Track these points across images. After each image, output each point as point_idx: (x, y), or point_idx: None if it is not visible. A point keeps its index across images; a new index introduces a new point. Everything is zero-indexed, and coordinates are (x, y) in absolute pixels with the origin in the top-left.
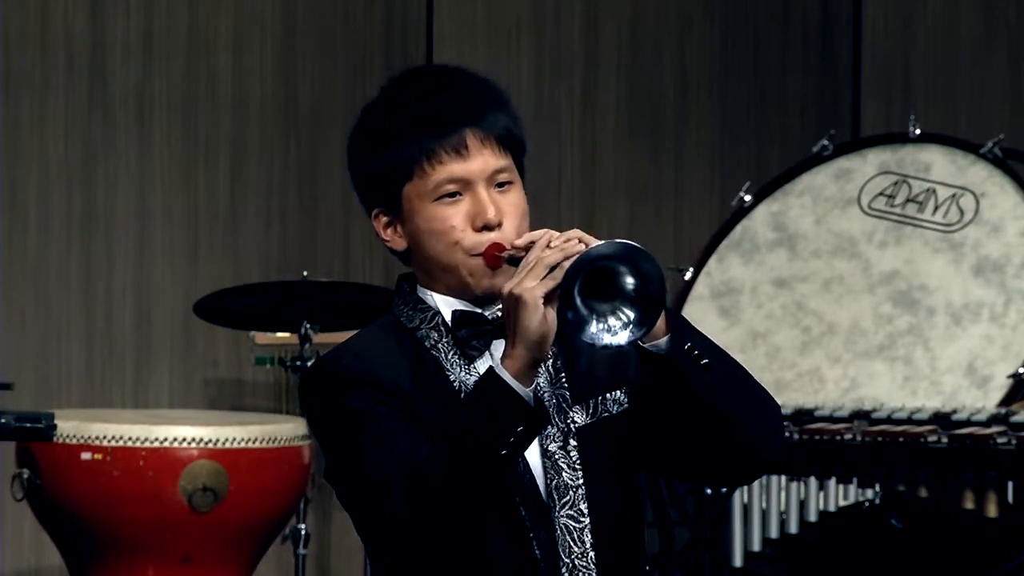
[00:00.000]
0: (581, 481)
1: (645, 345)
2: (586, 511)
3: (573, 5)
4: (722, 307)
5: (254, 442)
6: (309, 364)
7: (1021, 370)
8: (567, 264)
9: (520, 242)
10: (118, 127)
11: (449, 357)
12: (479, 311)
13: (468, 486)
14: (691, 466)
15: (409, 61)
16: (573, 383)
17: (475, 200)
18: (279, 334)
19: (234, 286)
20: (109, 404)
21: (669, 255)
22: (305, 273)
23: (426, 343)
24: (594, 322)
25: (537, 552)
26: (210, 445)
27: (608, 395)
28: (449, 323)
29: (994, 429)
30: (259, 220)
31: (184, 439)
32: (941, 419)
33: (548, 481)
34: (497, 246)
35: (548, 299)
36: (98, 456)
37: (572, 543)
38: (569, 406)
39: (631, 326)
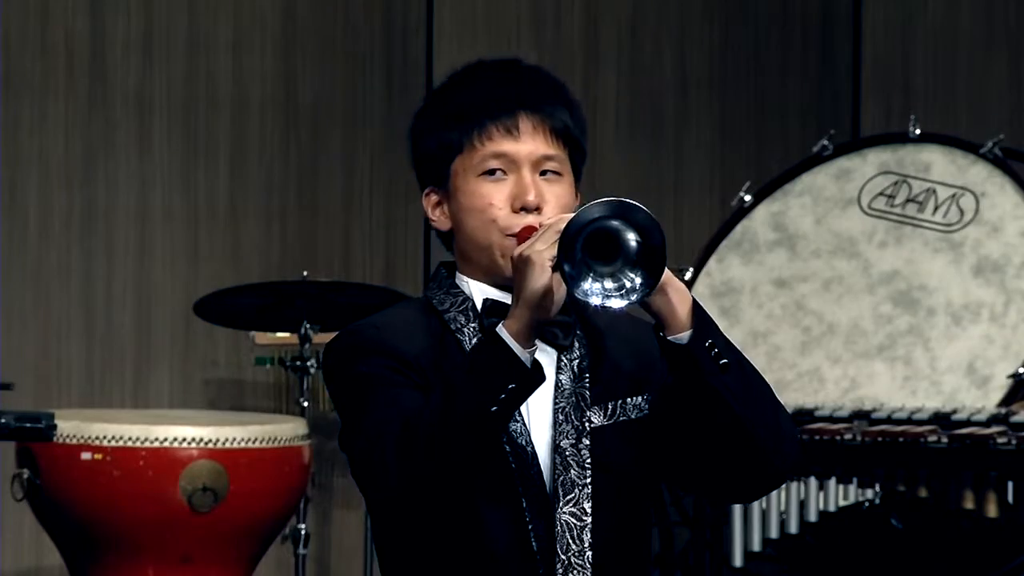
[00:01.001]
0: (588, 480)
1: (668, 337)
2: (589, 511)
3: (573, 5)
4: (722, 307)
5: (254, 442)
6: (312, 362)
7: (1021, 370)
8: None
9: (550, 222)
10: (118, 127)
11: (471, 341)
12: (509, 301)
13: (457, 441)
14: (703, 475)
15: (409, 61)
16: (595, 383)
17: (518, 181)
18: (279, 334)
19: (234, 286)
20: (109, 404)
21: (669, 255)
22: (305, 273)
23: (452, 325)
24: (592, 282)
25: (534, 544)
26: (210, 445)
27: (629, 399)
28: (479, 309)
29: (994, 429)
30: (259, 220)
31: (184, 439)
32: (941, 419)
33: (555, 476)
34: (531, 229)
35: (557, 265)
36: (98, 456)
37: (571, 540)
38: (587, 405)
39: (631, 290)
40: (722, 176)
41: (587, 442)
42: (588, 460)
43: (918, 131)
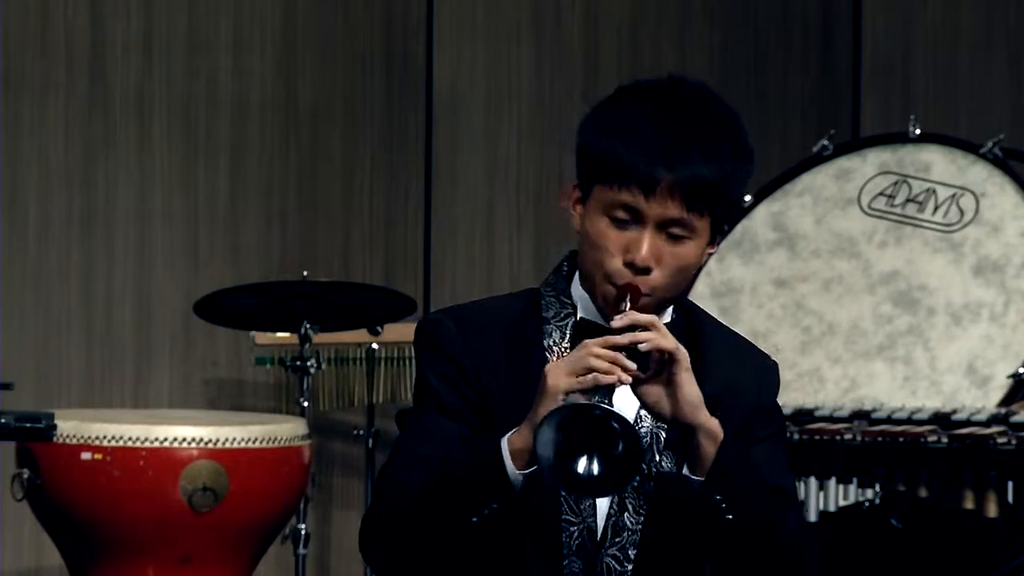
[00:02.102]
0: (640, 527)
1: (685, 473)
2: (632, 557)
3: (573, 5)
4: (722, 307)
5: (254, 442)
6: (312, 362)
7: (1021, 370)
8: (603, 378)
9: (623, 319)
10: (118, 127)
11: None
12: (604, 326)
13: (434, 530)
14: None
15: (409, 61)
16: (672, 427)
17: (638, 236)
18: (279, 334)
19: (234, 286)
20: (109, 404)
21: None
22: (305, 273)
23: (546, 340)
24: (567, 458)
25: None
26: (210, 445)
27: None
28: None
29: (994, 429)
30: (259, 220)
31: (184, 439)
32: (941, 419)
33: (609, 514)
34: (635, 288)
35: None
36: (98, 456)
37: None
38: (660, 449)
39: (593, 482)
40: None
41: (650, 486)
42: (643, 505)
43: (918, 131)
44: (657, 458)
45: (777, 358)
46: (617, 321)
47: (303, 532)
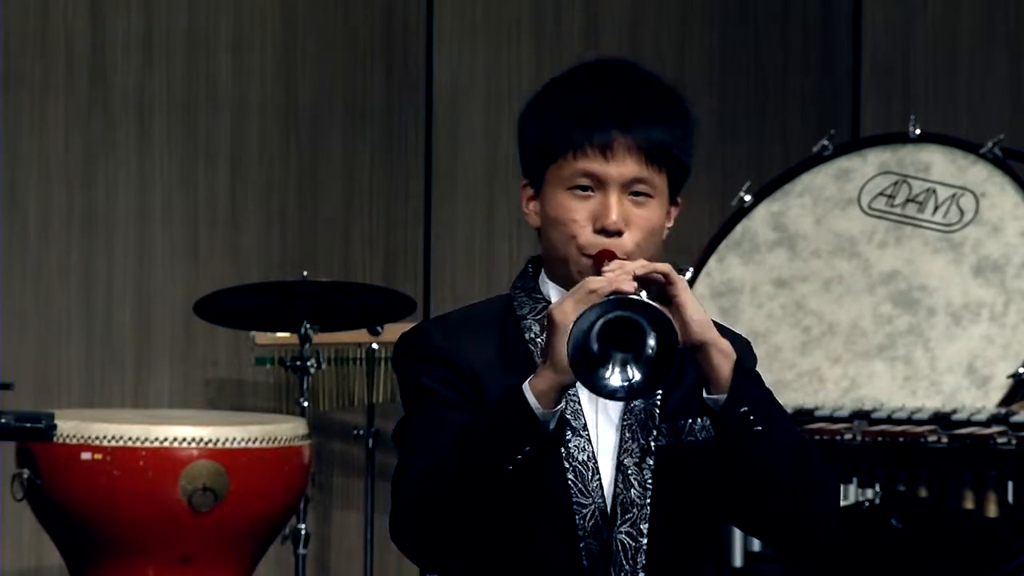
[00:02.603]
0: (648, 501)
1: (706, 396)
2: (645, 532)
3: (573, 5)
4: (722, 307)
5: (254, 442)
6: (312, 362)
7: (1021, 370)
8: (604, 291)
9: (611, 269)
10: (118, 127)
11: (541, 354)
12: None
13: (470, 492)
14: (746, 519)
15: (409, 61)
16: (667, 402)
17: (603, 201)
18: (279, 334)
19: (234, 286)
20: (109, 404)
21: (669, 255)
22: (305, 273)
23: (526, 334)
24: (599, 366)
25: (585, 562)
26: (210, 445)
27: (699, 420)
28: None
29: (994, 429)
30: (259, 220)
31: (184, 439)
32: (941, 419)
33: (616, 494)
34: (609, 253)
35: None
36: (98, 456)
37: (623, 560)
38: (655, 424)
39: (633, 385)
40: (722, 176)
41: (651, 462)
42: (650, 480)
43: (918, 131)
44: (655, 433)
45: (777, 358)
46: (606, 268)
47: (303, 532)
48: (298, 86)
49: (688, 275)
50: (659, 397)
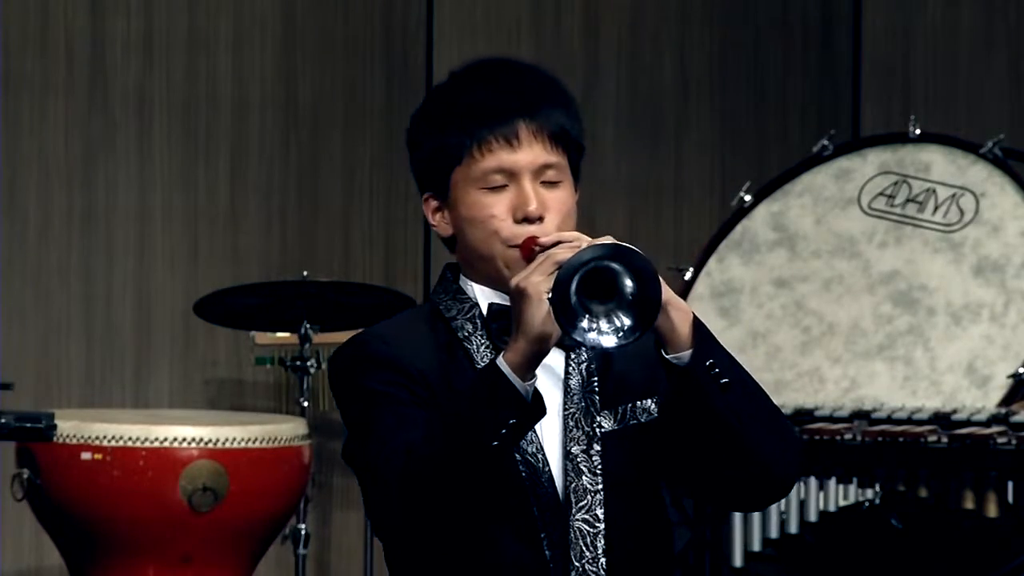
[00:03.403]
0: (600, 486)
1: (668, 356)
2: (602, 516)
3: (573, 5)
4: (722, 307)
5: (254, 442)
6: (312, 362)
7: (1021, 370)
8: (570, 256)
9: (548, 240)
10: (118, 127)
11: (480, 351)
12: None
13: (458, 473)
14: (706, 485)
15: (409, 61)
16: (604, 388)
17: (519, 192)
18: (279, 334)
19: (234, 286)
20: (109, 404)
21: (669, 255)
22: (305, 273)
23: (459, 334)
24: (586, 321)
25: (547, 553)
26: (210, 445)
27: (639, 403)
28: (485, 315)
29: (994, 429)
30: (259, 220)
31: (184, 439)
32: (941, 419)
33: (567, 483)
34: (534, 240)
35: (552, 304)
36: (98, 456)
37: (584, 547)
38: (597, 410)
39: (624, 331)
40: (722, 176)
41: (598, 448)
42: (599, 466)
43: (918, 131)
44: (598, 419)
45: (777, 358)
46: (548, 240)
47: (303, 532)
48: (298, 86)
49: (688, 275)
50: (596, 384)
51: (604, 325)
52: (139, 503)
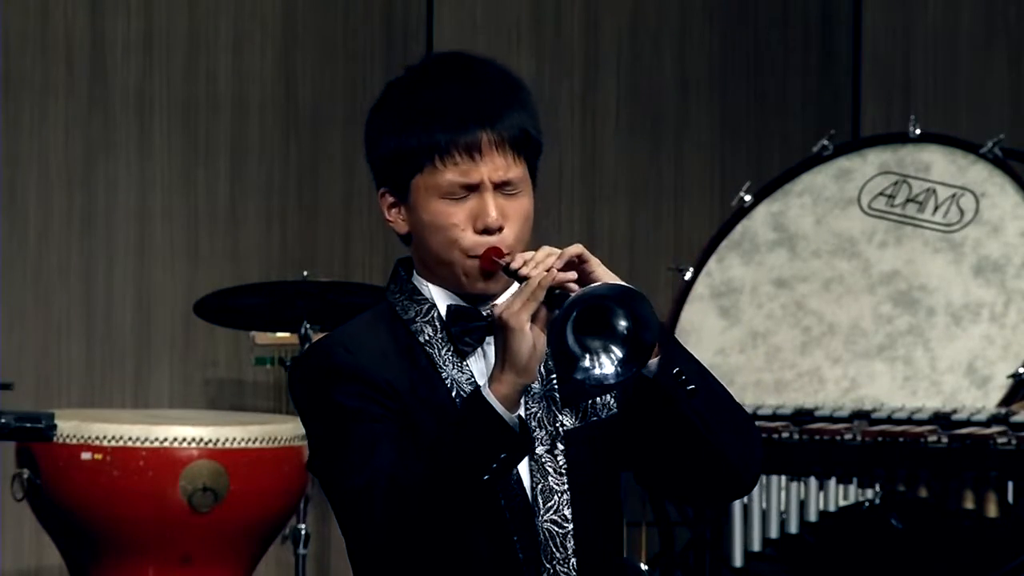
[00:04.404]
0: (566, 486)
1: None
2: (570, 516)
3: (573, 5)
4: (722, 307)
5: (254, 442)
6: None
7: (1021, 370)
8: (545, 282)
9: (516, 263)
10: (118, 127)
11: (442, 354)
12: (472, 307)
13: (446, 506)
14: (670, 483)
15: (409, 61)
16: (563, 386)
17: (479, 202)
18: (279, 334)
19: (234, 286)
20: (109, 404)
21: (669, 255)
22: (305, 273)
23: (420, 338)
24: (585, 359)
25: (520, 555)
26: (210, 445)
27: (598, 400)
28: (444, 317)
29: (994, 429)
30: (259, 220)
31: (184, 439)
32: (941, 419)
33: (534, 484)
34: (495, 251)
35: (535, 321)
36: (98, 456)
37: (554, 548)
38: (559, 409)
39: (619, 365)
40: (722, 176)
41: (562, 447)
42: (564, 466)
43: (918, 131)
44: (560, 418)
45: (777, 358)
46: (516, 263)
47: (303, 532)
48: (298, 86)
49: (688, 275)
50: (555, 381)
51: (603, 360)
52: (139, 503)
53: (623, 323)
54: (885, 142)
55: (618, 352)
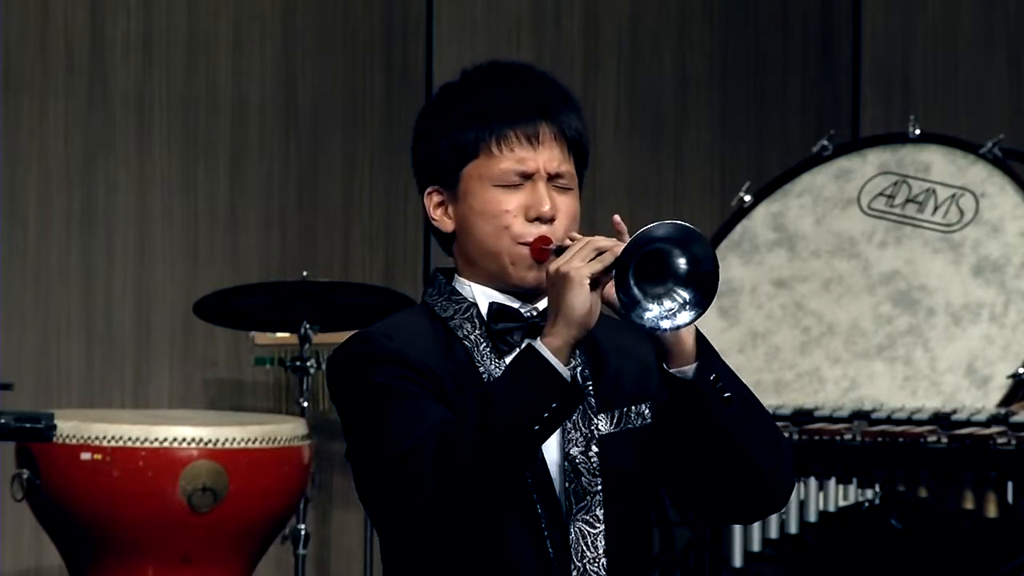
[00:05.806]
0: (600, 488)
1: (671, 370)
2: (602, 517)
3: (573, 5)
4: (722, 307)
5: (254, 442)
6: (311, 362)
7: (1021, 370)
8: (617, 249)
9: (565, 244)
10: (118, 127)
11: (481, 349)
12: (515, 306)
13: (498, 458)
14: (702, 496)
15: (409, 61)
16: (599, 391)
17: (533, 191)
18: (279, 334)
19: (234, 286)
20: (109, 404)
21: None
22: (305, 273)
23: (459, 333)
24: (652, 305)
25: (551, 553)
26: (210, 445)
27: (633, 407)
28: (485, 315)
29: (994, 429)
30: (259, 220)
31: (184, 439)
32: (941, 419)
33: (567, 484)
34: (545, 239)
35: (593, 282)
36: (98, 456)
37: (585, 548)
38: (594, 413)
39: (687, 307)
40: (722, 176)
41: (596, 449)
42: (598, 467)
43: (918, 131)
44: (594, 421)
45: (777, 358)
46: (567, 241)
47: (303, 532)
48: (298, 86)
49: None
50: (591, 387)
51: (669, 305)
52: (139, 503)
53: (682, 263)
54: (885, 142)
55: (683, 294)
